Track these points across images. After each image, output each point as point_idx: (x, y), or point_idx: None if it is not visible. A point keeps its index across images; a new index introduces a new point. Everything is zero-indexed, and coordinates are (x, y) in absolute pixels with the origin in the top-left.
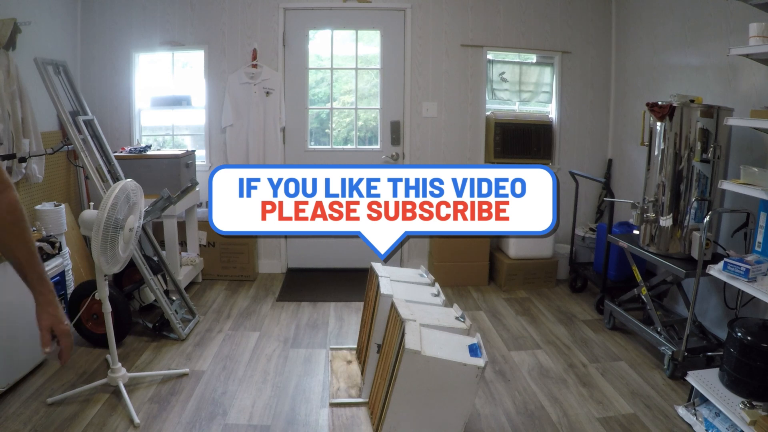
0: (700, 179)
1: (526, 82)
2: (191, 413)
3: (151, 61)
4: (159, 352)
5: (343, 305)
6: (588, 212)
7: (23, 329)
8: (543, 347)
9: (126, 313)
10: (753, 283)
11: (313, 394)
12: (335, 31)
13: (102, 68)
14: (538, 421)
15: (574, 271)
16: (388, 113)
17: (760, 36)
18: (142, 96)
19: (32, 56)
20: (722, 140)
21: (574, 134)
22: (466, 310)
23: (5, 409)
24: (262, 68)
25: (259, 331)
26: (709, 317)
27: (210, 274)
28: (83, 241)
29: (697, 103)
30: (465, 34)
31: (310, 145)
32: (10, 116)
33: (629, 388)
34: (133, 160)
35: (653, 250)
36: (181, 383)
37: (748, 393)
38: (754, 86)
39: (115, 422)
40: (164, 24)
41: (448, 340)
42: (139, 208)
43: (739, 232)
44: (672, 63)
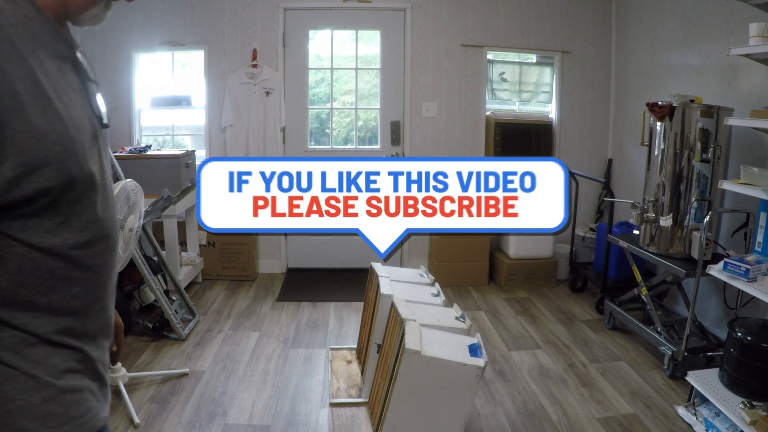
0: (700, 179)
1: (526, 82)
2: (191, 413)
3: (151, 61)
4: (159, 352)
5: (343, 305)
6: (588, 212)
7: None
8: (543, 347)
9: (126, 313)
10: (753, 283)
11: (313, 394)
12: (335, 31)
13: (102, 68)
14: (538, 421)
15: (574, 271)
16: (388, 113)
17: (760, 36)
18: (142, 96)
19: None
20: (722, 140)
21: (574, 134)
22: (466, 310)
23: None
24: (262, 68)
25: (259, 331)
26: (709, 317)
27: (210, 274)
28: None
29: (697, 103)
30: (465, 34)
31: (310, 145)
32: None
33: (629, 388)
34: (133, 160)
35: (653, 250)
36: (181, 383)
37: (748, 393)
38: (754, 86)
39: (115, 422)
40: (164, 24)
41: (448, 340)
42: (139, 208)
43: (739, 232)
44: (672, 63)
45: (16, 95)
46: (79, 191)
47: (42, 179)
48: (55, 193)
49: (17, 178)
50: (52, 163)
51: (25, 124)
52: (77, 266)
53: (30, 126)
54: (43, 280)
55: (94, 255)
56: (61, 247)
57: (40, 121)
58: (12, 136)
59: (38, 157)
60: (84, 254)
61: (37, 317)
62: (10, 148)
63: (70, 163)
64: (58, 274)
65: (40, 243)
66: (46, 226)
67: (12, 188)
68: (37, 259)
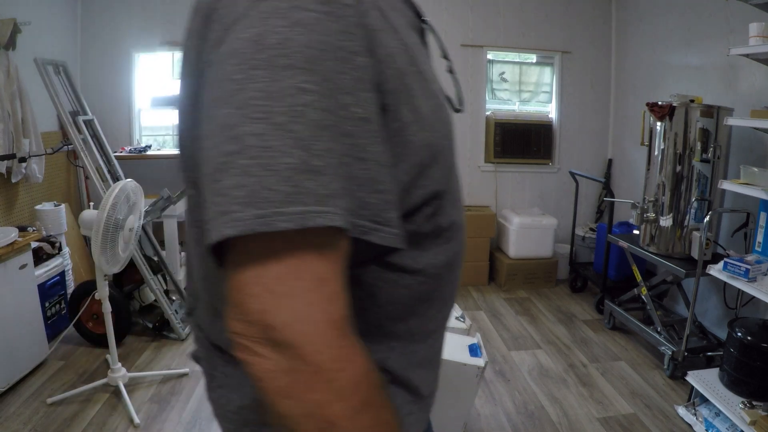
0: (700, 179)
1: (526, 82)
2: (191, 413)
3: (151, 61)
4: (159, 352)
5: None
6: (588, 212)
7: (23, 329)
8: (543, 347)
9: (126, 313)
10: (753, 283)
11: None
12: None
13: (102, 68)
14: (538, 421)
15: (574, 271)
16: None
17: (760, 36)
18: (142, 96)
19: (32, 56)
20: (722, 140)
21: (574, 134)
22: (466, 310)
23: (5, 409)
24: None
25: None
26: (709, 317)
27: None
28: (83, 241)
29: (697, 103)
30: (465, 34)
31: None
32: (10, 116)
33: (629, 388)
34: (133, 160)
35: (653, 250)
36: (181, 383)
37: (748, 393)
38: (754, 86)
39: (115, 422)
40: (164, 24)
41: (448, 339)
42: (139, 208)
43: (739, 232)
44: (672, 63)
45: (402, 76)
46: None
47: (430, 182)
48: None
49: (410, 183)
50: (439, 162)
51: (414, 113)
52: (441, 284)
53: (419, 115)
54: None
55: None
56: (432, 267)
57: (426, 108)
58: (401, 128)
59: (429, 154)
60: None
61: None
62: (402, 145)
63: (452, 160)
64: (423, 297)
65: (412, 266)
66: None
67: (405, 197)
68: (408, 285)
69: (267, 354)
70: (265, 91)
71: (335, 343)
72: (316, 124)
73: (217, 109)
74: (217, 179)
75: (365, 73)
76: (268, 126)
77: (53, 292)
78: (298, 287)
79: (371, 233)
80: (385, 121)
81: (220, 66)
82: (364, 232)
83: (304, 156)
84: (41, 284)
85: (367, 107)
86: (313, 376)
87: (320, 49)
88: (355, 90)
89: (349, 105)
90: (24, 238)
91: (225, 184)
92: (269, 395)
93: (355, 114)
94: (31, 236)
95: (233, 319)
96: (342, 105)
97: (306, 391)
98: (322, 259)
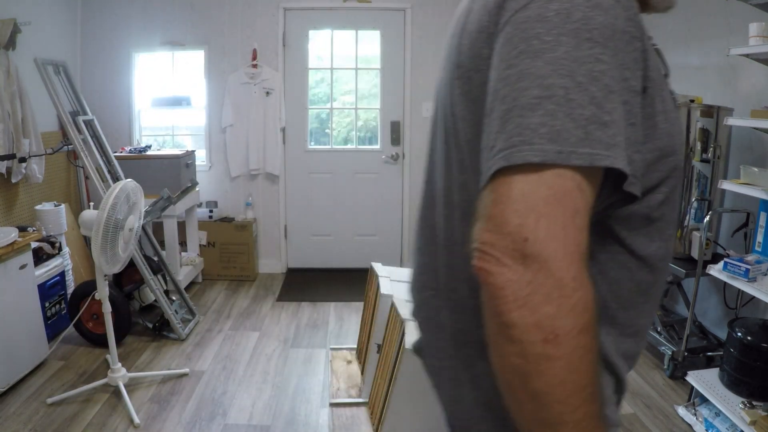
0: (700, 179)
1: None
2: (191, 413)
3: (151, 61)
4: (159, 352)
5: (343, 305)
6: None
7: (23, 329)
8: None
9: (126, 313)
10: (753, 283)
11: (313, 394)
12: (335, 31)
13: (102, 68)
14: None
15: None
16: (388, 113)
17: (760, 36)
18: (142, 96)
19: (32, 56)
20: (722, 140)
21: None
22: None
23: (5, 409)
24: (262, 68)
25: (259, 331)
26: (709, 317)
27: (210, 274)
28: (83, 241)
29: (697, 103)
30: None
31: (310, 145)
32: (10, 116)
33: (629, 388)
34: (133, 160)
35: None
36: (181, 383)
37: (748, 393)
38: (754, 86)
39: (115, 422)
40: (164, 24)
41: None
42: (139, 208)
43: (739, 232)
44: (672, 63)
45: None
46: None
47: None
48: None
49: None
50: (675, 155)
51: (662, 105)
52: (657, 280)
53: (665, 108)
54: (630, 294)
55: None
56: (653, 258)
57: (669, 105)
58: (653, 114)
59: (669, 144)
60: (664, 266)
61: (608, 334)
62: (651, 127)
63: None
64: (642, 288)
65: (640, 251)
66: (648, 232)
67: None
68: (633, 270)
69: (512, 264)
70: (571, 55)
71: (576, 265)
72: (607, 88)
73: (526, 60)
74: (523, 115)
75: (640, 56)
76: (572, 82)
77: (53, 292)
78: (558, 212)
79: (634, 185)
80: (643, 102)
81: (524, 26)
82: (631, 183)
83: (597, 111)
84: (41, 284)
85: (639, 84)
86: (553, 289)
87: (613, 29)
88: (633, 68)
89: (629, 78)
90: (24, 238)
91: (532, 121)
92: (503, 304)
93: (632, 87)
94: (31, 236)
95: (486, 231)
96: (624, 77)
97: (543, 302)
98: (581, 195)
